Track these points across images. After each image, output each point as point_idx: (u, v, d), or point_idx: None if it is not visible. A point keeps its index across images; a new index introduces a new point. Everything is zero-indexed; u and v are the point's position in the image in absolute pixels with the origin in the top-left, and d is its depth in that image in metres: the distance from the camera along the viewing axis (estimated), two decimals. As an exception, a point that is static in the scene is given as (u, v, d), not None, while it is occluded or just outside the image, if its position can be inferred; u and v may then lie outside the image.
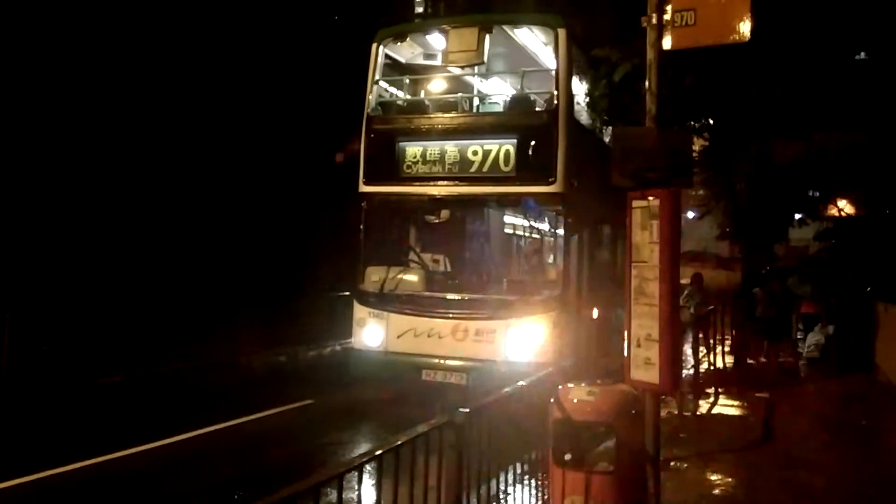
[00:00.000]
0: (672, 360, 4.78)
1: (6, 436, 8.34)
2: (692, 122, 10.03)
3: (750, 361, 13.92)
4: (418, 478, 3.06)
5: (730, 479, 6.90)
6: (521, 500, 4.51)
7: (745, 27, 4.76)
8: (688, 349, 10.41)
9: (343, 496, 2.53)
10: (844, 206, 17.35)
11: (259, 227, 18.40)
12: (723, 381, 11.43)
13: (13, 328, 10.71)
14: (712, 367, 12.75)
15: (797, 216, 17.27)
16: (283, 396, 10.20)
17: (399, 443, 2.86)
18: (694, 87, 8.34)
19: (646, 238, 4.82)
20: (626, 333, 4.94)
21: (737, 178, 9.95)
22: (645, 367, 4.77)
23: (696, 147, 9.81)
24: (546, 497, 4.55)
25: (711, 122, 10.23)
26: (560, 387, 4.44)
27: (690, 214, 24.93)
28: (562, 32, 9.04)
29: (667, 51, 4.94)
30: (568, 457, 4.23)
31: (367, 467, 2.76)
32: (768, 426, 9.07)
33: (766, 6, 4.88)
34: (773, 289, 13.54)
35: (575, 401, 4.31)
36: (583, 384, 4.44)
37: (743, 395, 10.77)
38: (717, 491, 6.60)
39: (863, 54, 10.55)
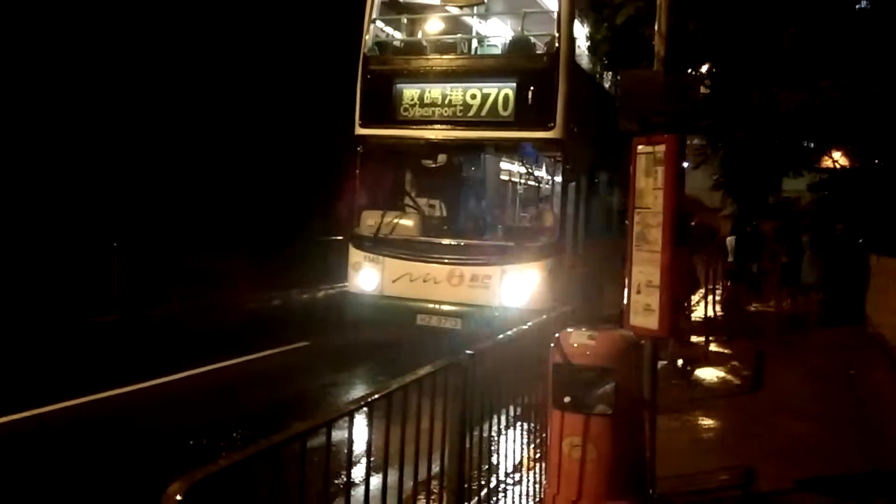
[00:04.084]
0: (671, 306, 4.79)
1: None
2: (691, 70, 9.87)
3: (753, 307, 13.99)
4: (423, 417, 3.08)
5: (720, 425, 7.03)
6: (520, 441, 4.56)
7: (758, -31, 4.64)
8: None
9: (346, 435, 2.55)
10: (839, 158, 17.33)
11: (254, 170, 18.28)
12: (714, 329, 11.56)
13: (4, 267, 10.66)
14: (704, 316, 12.89)
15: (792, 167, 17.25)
16: (279, 338, 10.26)
17: (408, 381, 2.87)
18: (698, 32, 8.19)
19: (649, 184, 4.77)
20: (626, 280, 4.93)
21: (738, 127, 9.86)
22: (644, 314, 4.78)
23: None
24: (544, 436, 4.61)
25: (714, 69, 10.09)
26: (560, 331, 4.45)
27: (684, 164, 24.71)
28: (565, -27, 8.81)
29: (678, -10, 4.80)
30: (567, 399, 4.25)
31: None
32: (758, 375, 9.21)
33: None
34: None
35: (575, 345, 4.32)
36: (583, 328, 4.44)
37: (734, 343, 10.91)
38: (707, 436, 6.73)
39: (864, 3, 10.39)
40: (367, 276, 9.25)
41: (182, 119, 16.43)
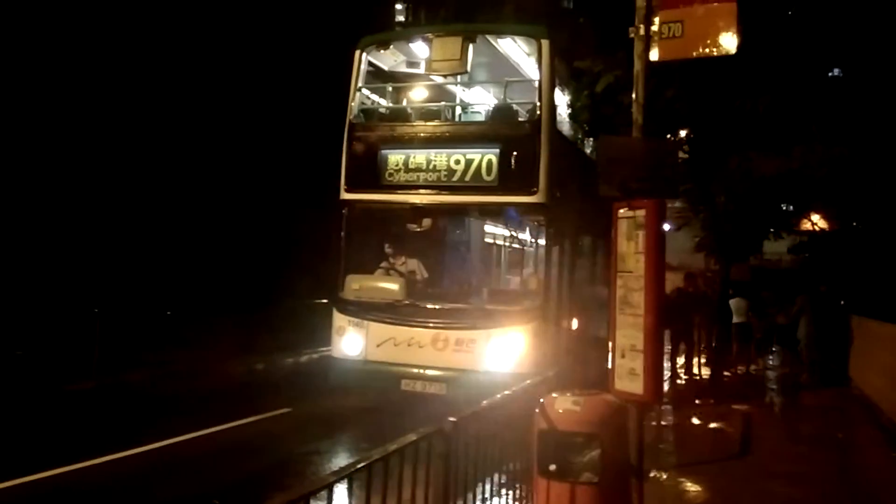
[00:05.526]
0: (656, 370, 4.79)
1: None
2: (669, 136, 10.12)
3: (726, 374, 14.02)
4: (405, 487, 3.02)
5: (709, 491, 6.92)
6: (505, 510, 4.47)
7: (732, 41, 4.80)
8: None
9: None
10: (818, 221, 17.65)
11: (237, 233, 18.25)
12: (701, 392, 11.51)
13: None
14: (688, 378, 12.87)
15: (772, 230, 17.52)
16: (261, 404, 10.08)
17: (389, 451, 2.81)
18: (675, 100, 8.41)
19: (631, 248, 4.82)
20: (610, 344, 4.93)
21: (717, 191, 10.07)
22: (629, 378, 4.77)
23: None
24: (530, 506, 4.52)
25: (692, 134, 10.33)
26: (545, 396, 4.41)
27: (667, 226, 25.00)
28: (545, 44, 9.04)
29: (653, 62, 4.96)
30: (553, 467, 4.19)
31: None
32: (746, 438, 9.13)
33: (747, 23, 4.93)
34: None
35: (560, 411, 4.28)
36: (568, 394, 4.41)
37: (721, 406, 10.85)
38: (696, 502, 6.62)
39: (837, 71, 10.76)
40: (350, 341, 9.17)
41: (165, 178, 16.46)
